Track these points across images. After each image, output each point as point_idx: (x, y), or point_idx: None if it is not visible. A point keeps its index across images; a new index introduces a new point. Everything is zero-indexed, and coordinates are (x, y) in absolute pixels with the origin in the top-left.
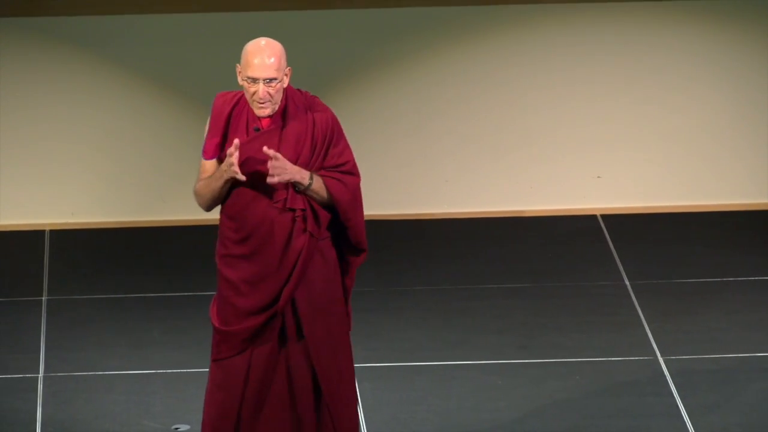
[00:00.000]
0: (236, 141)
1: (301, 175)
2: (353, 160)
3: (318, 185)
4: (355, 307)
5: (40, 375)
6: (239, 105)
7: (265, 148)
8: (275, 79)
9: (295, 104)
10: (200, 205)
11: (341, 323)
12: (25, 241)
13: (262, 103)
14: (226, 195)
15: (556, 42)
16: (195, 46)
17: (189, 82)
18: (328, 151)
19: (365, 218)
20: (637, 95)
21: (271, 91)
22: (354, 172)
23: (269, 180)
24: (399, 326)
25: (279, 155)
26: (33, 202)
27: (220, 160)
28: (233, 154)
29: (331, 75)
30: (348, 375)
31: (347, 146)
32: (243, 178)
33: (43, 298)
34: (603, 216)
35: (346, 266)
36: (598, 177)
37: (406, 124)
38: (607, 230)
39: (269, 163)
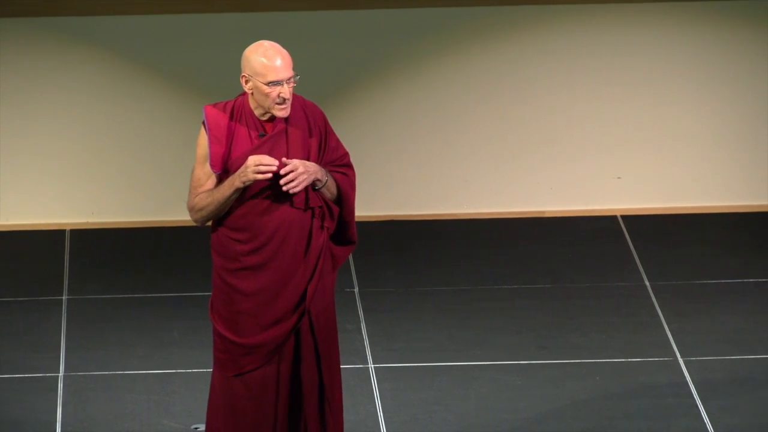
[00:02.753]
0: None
1: (321, 172)
2: (347, 152)
3: (331, 181)
4: (374, 308)
5: (61, 374)
6: (235, 114)
7: (284, 159)
8: (293, 75)
9: (292, 105)
10: (197, 219)
11: (334, 315)
12: (46, 240)
13: (284, 105)
14: (229, 208)
15: (576, 42)
16: (216, 46)
17: (209, 81)
18: (328, 145)
19: (384, 219)
20: (657, 96)
21: (290, 90)
22: (351, 165)
23: (293, 191)
24: (418, 326)
25: (298, 163)
26: (53, 201)
27: (226, 171)
28: (262, 163)
29: (350, 75)
30: (338, 366)
31: (339, 140)
32: (267, 176)
33: (64, 298)
34: (623, 217)
35: (334, 263)
36: (618, 178)
37: (426, 124)
38: (627, 231)
39: (292, 174)
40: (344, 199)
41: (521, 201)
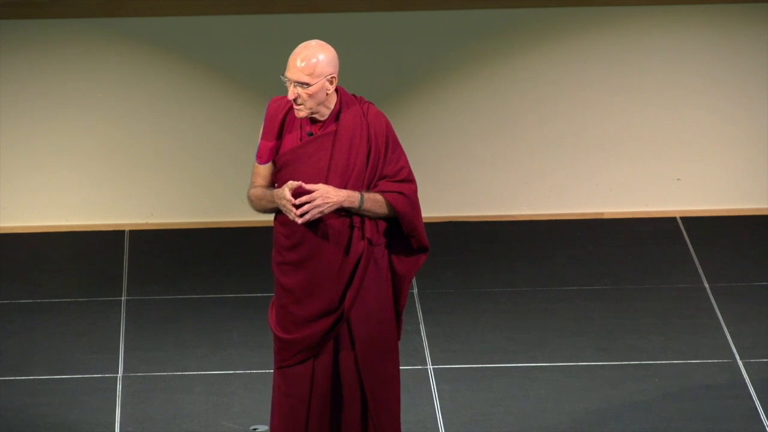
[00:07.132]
0: (292, 185)
1: (351, 200)
2: (408, 165)
3: (370, 204)
4: (433, 309)
5: (119, 375)
6: (293, 110)
7: (308, 186)
8: (306, 84)
9: (349, 109)
10: (254, 209)
11: (390, 330)
12: (105, 241)
13: (296, 105)
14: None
15: (635, 45)
16: (276, 47)
17: (269, 82)
18: (386, 157)
19: (444, 220)
20: (717, 97)
21: (301, 93)
22: (410, 179)
23: (300, 221)
24: (477, 328)
25: (319, 193)
26: (113, 202)
27: (274, 165)
28: (290, 201)
29: (409, 76)
30: (393, 382)
31: (403, 152)
32: (300, 221)
33: (123, 299)
34: (683, 218)
35: (402, 277)
36: (678, 179)
37: (486, 125)
38: (687, 232)
39: (307, 206)
40: (402, 217)
41: (580, 202)
